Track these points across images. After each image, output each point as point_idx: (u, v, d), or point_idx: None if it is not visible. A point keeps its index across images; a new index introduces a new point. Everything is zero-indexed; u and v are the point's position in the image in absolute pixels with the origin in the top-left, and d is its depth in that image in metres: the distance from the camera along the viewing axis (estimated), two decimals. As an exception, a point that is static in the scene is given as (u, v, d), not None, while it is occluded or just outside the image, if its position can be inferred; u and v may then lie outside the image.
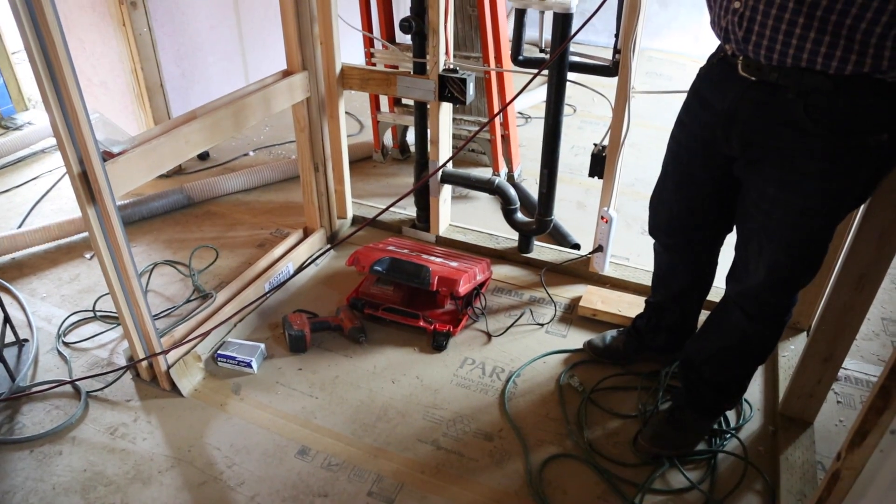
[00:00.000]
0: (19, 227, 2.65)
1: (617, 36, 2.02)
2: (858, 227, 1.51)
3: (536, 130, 3.06)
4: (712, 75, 1.37)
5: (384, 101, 3.21)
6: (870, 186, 1.29)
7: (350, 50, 4.52)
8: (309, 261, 2.35)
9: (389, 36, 2.91)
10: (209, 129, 1.84)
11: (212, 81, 3.42)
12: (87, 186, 1.52)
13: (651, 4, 5.10)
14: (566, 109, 3.87)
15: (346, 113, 3.71)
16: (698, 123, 1.43)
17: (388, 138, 3.26)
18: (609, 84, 2.03)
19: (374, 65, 2.83)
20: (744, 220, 1.43)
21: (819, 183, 1.24)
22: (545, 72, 2.01)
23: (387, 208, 1.79)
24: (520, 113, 3.72)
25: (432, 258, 2.11)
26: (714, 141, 1.38)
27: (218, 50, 3.42)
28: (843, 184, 1.24)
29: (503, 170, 2.96)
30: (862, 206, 1.45)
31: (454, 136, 2.86)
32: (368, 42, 2.92)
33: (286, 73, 2.18)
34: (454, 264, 2.08)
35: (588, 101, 3.95)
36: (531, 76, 1.84)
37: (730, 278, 1.53)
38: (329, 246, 2.47)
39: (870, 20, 1.04)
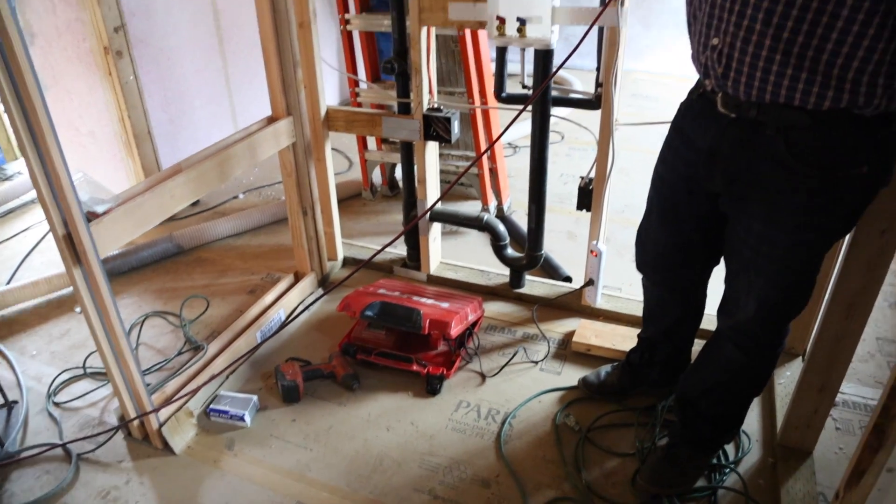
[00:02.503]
0: (8, 282, 2.64)
1: (598, 69, 2.04)
2: (845, 257, 1.52)
3: (525, 160, 3.07)
4: (693, 112, 1.38)
5: (371, 139, 3.23)
6: (853, 217, 1.30)
7: (335, 85, 4.56)
8: (300, 307, 2.34)
9: (375, 74, 2.93)
10: (194, 182, 1.84)
11: (199, 125, 3.44)
12: (72, 248, 1.52)
13: (634, 26, 5.15)
14: (554, 137, 3.89)
15: (334, 150, 3.74)
16: (681, 160, 1.43)
17: (376, 175, 3.27)
18: (594, 114, 2.04)
19: (359, 104, 2.84)
20: (731, 255, 1.43)
21: (803, 218, 1.24)
22: (530, 105, 2.02)
23: (375, 254, 1.78)
24: (508, 143, 3.74)
25: (423, 300, 2.11)
26: (697, 178, 1.38)
27: (204, 94, 3.44)
28: (827, 217, 1.25)
29: (492, 203, 2.97)
30: (848, 235, 1.45)
31: (442, 172, 2.87)
32: (353, 81, 2.93)
33: (271, 120, 2.20)
34: (445, 305, 2.07)
35: (575, 128, 3.96)
36: (516, 113, 1.85)
37: (721, 312, 1.52)
38: (321, 291, 2.47)
39: (846, 55, 1.05)
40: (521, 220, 2.83)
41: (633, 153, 3.52)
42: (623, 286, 2.45)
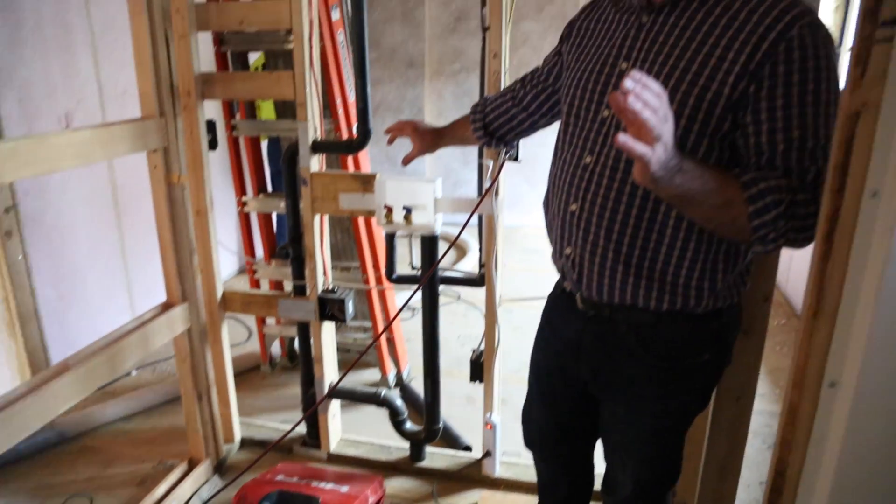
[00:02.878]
0: None
1: (481, 251, 2.21)
2: (710, 425, 1.66)
3: (422, 325, 3.18)
4: (558, 305, 1.52)
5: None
6: (706, 396, 1.44)
7: (234, 255, 4.60)
8: (194, 497, 2.24)
9: (272, 250, 3.02)
10: (83, 381, 1.80)
11: (92, 301, 3.37)
12: (-61, 469, 1.44)
13: (521, 185, 5.59)
14: (451, 296, 4.06)
15: (234, 319, 3.73)
16: (552, 349, 1.56)
17: (276, 347, 3.28)
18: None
19: (257, 281, 2.90)
20: (604, 436, 1.53)
21: (661, 404, 1.37)
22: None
23: (272, 446, 1.78)
24: (407, 307, 3.85)
25: (322, 484, 2.08)
26: (567, 366, 1.50)
27: (99, 269, 3.41)
28: (681, 401, 1.38)
29: (391, 371, 3.02)
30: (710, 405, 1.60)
31: (339, 343, 2.92)
32: (251, 259, 3.01)
33: (166, 306, 2.21)
34: (345, 489, 2.05)
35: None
36: (409, 294, 1.96)
37: (603, 489, 1.60)
38: (217, 480, 2.37)
39: (674, 265, 1.23)
40: (421, 387, 2.88)
41: (526, 310, 3.71)
42: (521, 451, 2.50)
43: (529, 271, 4.52)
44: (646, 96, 0.91)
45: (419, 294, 2.15)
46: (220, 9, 2.13)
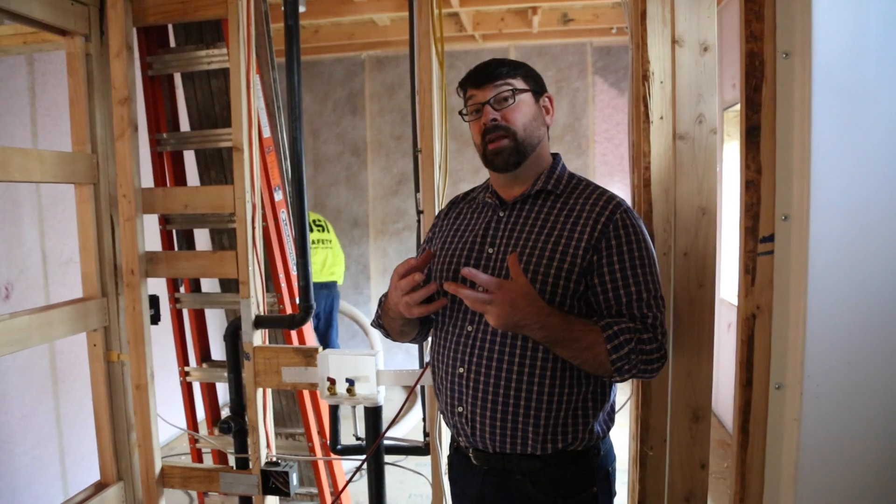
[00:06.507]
0: None
1: (425, 420, 2.23)
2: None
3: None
4: (456, 466, 1.58)
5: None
6: None
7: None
8: None
9: (215, 418, 2.95)
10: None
11: (20, 473, 3.18)
12: None
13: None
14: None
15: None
16: None
17: (218, 517, 3.13)
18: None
19: (198, 452, 2.82)
20: None
21: None
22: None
23: None
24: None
25: None
26: None
27: (30, 439, 3.24)
28: None
29: (339, 542, 2.90)
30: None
31: None
32: (193, 430, 2.93)
33: (100, 486, 2.13)
34: None
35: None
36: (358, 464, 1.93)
37: None
38: None
39: (555, 409, 1.38)
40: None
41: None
42: None
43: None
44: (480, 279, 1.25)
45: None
46: (165, 193, 2.22)
